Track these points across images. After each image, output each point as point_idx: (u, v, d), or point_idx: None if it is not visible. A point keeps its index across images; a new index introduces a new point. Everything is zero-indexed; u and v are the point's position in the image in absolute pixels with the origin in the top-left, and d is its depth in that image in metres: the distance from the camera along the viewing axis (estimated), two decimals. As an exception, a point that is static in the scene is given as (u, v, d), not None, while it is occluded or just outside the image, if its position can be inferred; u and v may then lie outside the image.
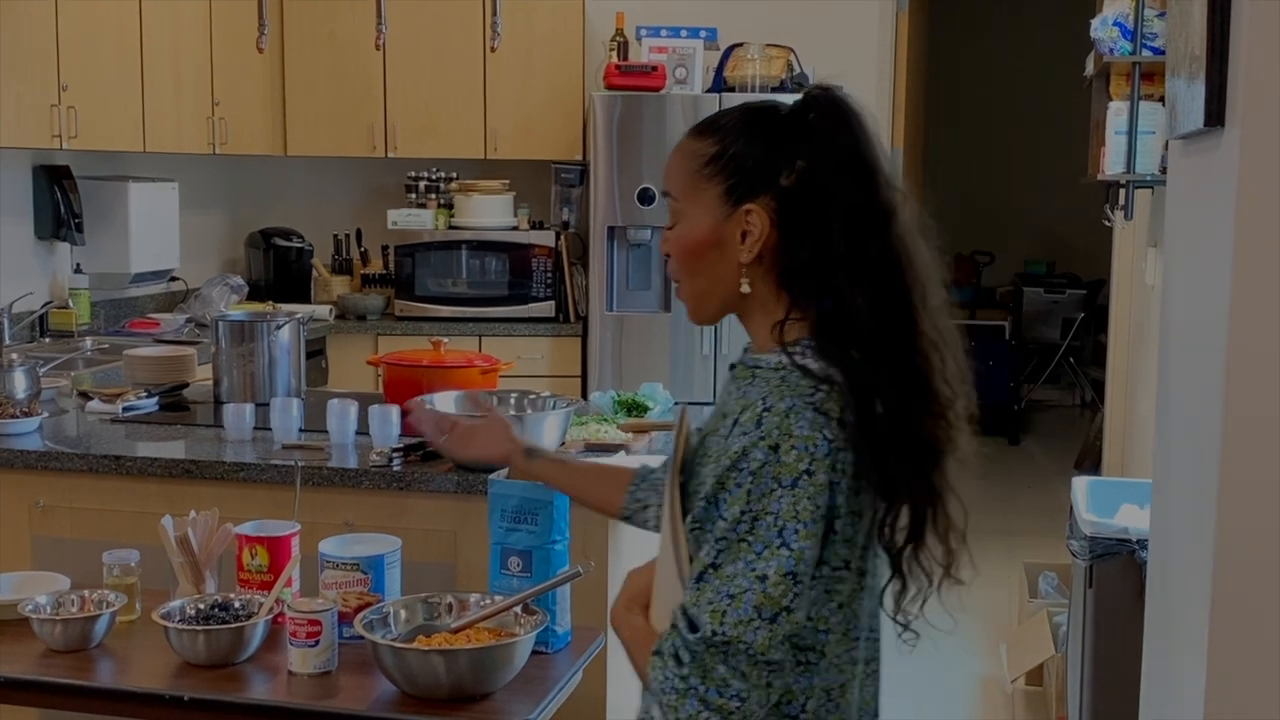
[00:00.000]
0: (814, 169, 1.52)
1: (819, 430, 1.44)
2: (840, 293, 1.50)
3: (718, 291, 1.59)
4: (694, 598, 1.44)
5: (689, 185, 1.58)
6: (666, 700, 1.44)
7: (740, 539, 1.43)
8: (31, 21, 4.25)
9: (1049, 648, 3.91)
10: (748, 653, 1.42)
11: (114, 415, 3.40)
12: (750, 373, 1.56)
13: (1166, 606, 2.11)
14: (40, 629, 2.27)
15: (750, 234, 1.54)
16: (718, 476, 1.45)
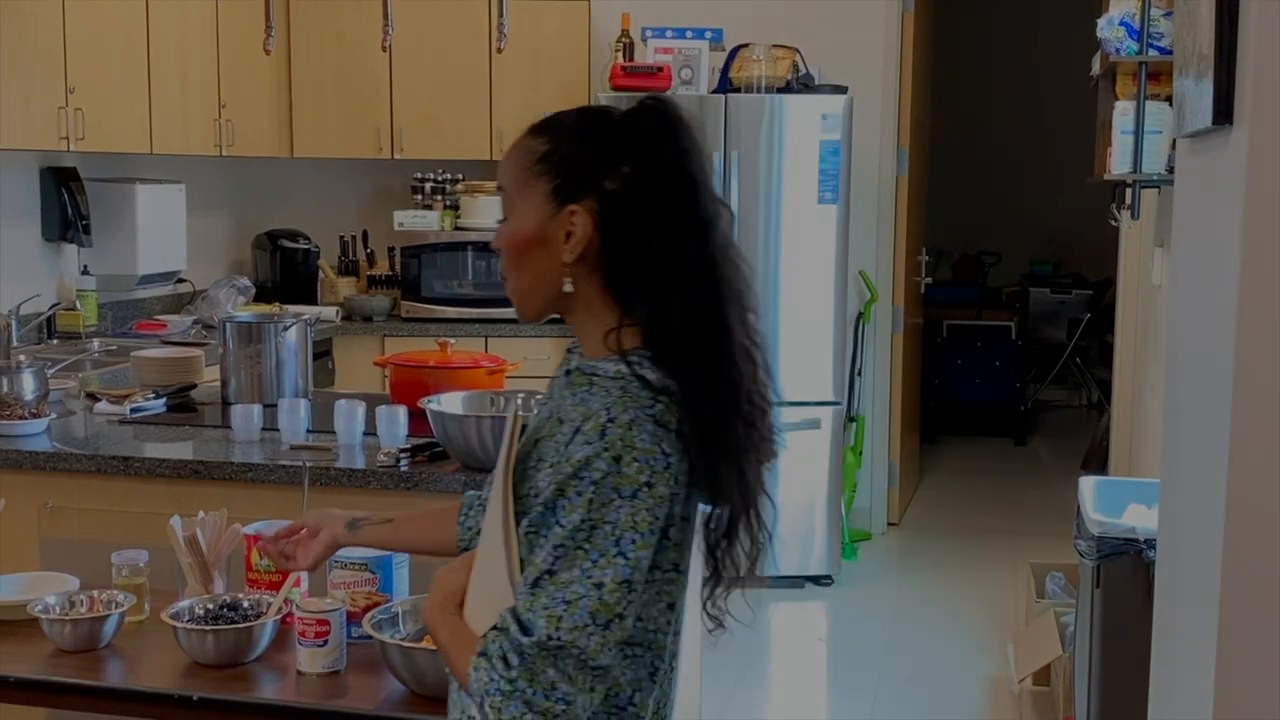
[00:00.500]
0: (638, 175, 1.55)
1: (659, 444, 1.48)
2: (658, 298, 1.54)
3: (541, 289, 1.61)
4: (528, 602, 1.46)
5: (520, 181, 1.60)
6: (491, 702, 1.45)
7: (578, 546, 1.46)
8: (38, 24, 4.26)
9: (1056, 648, 3.90)
10: (579, 657, 1.45)
11: (122, 416, 3.41)
12: (588, 380, 1.57)
13: (1174, 606, 2.11)
14: (49, 629, 2.28)
15: (573, 234, 1.56)
16: (558, 484, 1.47)
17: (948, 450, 8.03)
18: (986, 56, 9.48)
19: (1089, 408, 9.17)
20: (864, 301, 5.97)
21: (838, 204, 5.29)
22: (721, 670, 4.45)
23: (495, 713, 1.45)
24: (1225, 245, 1.72)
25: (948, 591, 5.38)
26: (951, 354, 8.31)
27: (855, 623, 5.11)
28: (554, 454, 1.52)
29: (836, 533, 5.46)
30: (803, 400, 5.37)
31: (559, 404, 1.60)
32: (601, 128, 1.59)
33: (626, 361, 1.54)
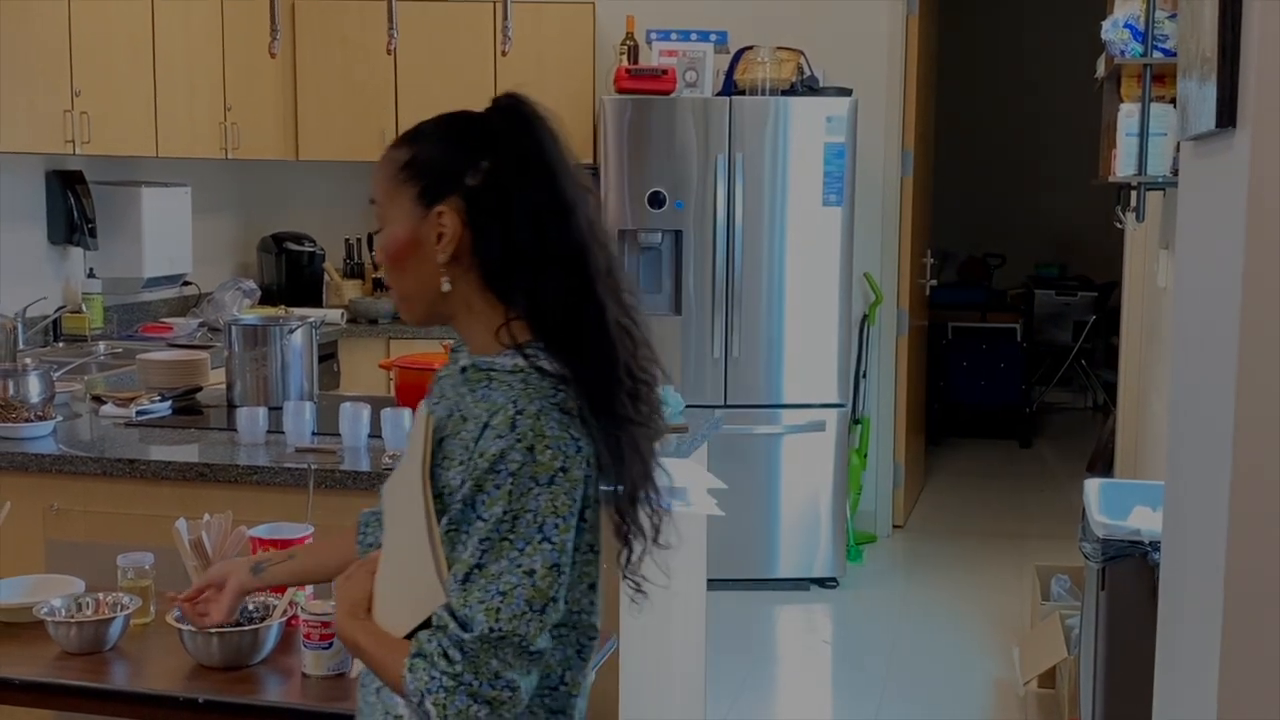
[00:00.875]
0: (497, 169, 1.61)
1: (567, 429, 1.54)
2: (531, 286, 1.60)
3: (423, 293, 1.65)
4: (462, 598, 1.50)
5: (389, 191, 1.66)
6: (435, 699, 1.49)
7: (503, 538, 1.50)
8: (44, 27, 4.27)
9: (1061, 650, 3.90)
10: (520, 645, 1.50)
11: (127, 419, 3.42)
12: (486, 376, 1.61)
13: (1179, 608, 2.11)
14: (55, 632, 2.28)
15: (444, 234, 1.61)
16: (475, 479, 1.51)
17: (953, 453, 8.03)
18: (991, 58, 9.48)
19: (1094, 410, 9.16)
20: (869, 304, 5.97)
21: (842, 206, 5.29)
22: (727, 673, 4.45)
23: (440, 709, 1.48)
24: (1229, 248, 1.72)
25: (953, 594, 5.38)
26: (956, 356, 8.30)
27: (860, 625, 5.11)
28: (462, 451, 1.56)
29: (841, 535, 5.45)
30: (807, 402, 5.38)
31: (457, 402, 1.62)
32: (458, 129, 1.66)
33: (523, 355, 1.59)
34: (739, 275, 5.30)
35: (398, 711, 1.61)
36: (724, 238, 5.29)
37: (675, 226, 5.31)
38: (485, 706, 1.49)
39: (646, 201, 5.29)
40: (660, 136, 5.27)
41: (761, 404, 5.37)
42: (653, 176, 5.29)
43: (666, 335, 5.37)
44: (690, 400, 3.81)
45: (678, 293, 5.35)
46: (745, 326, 5.33)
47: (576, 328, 1.59)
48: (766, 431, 5.37)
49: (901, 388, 6.19)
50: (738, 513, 4.56)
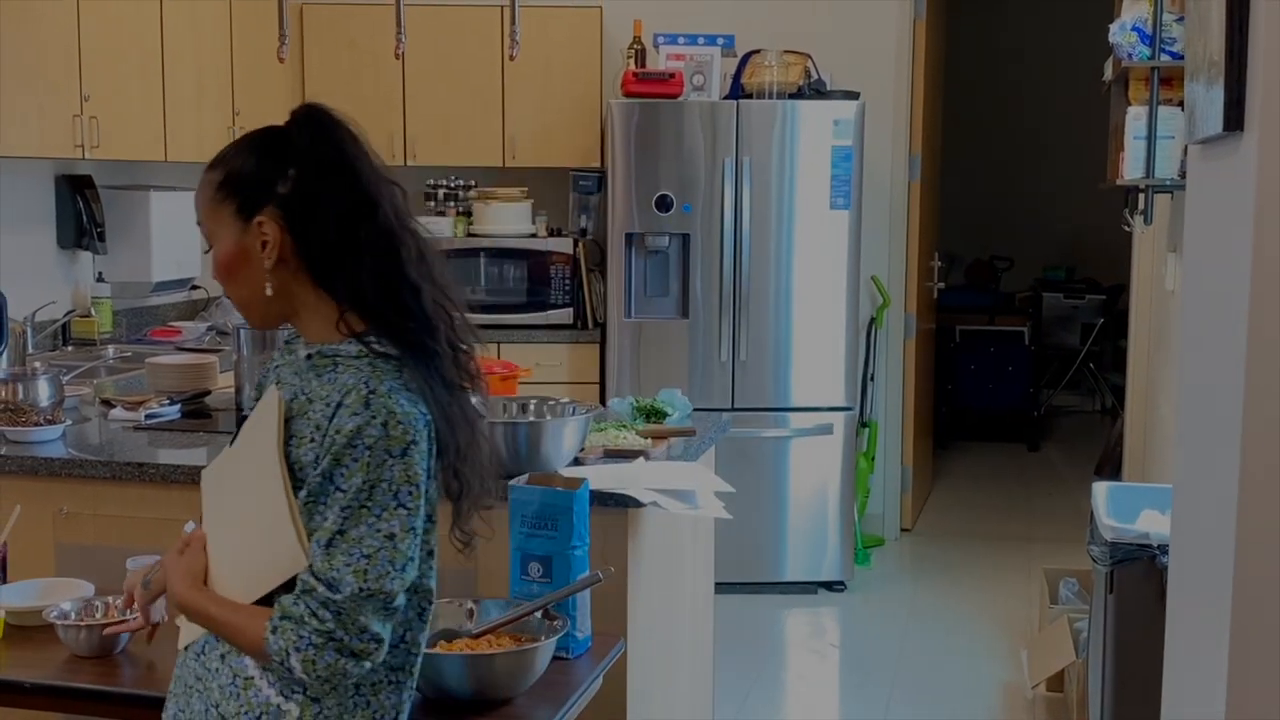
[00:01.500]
0: (304, 175, 1.75)
1: (415, 405, 1.71)
2: (349, 278, 1.75)
3: (259, 300, 1.79)
4: (327, 562, 1.66)
5: (210, 211, 1.80)
6: (304, 655, 1.64)
7: (362, 505, 1.66)
8: (54, 32, 4.29)
9: (1070, 653, 3.90)
10: (385, 601, 1.67)
11: (136, 423, 3.43)
12: (331, 361, 1.75)
13: (1188, 612, 2.11)
14: (65, 635, 2.29)
15: (267, 242, 1.75)
16: (333, 454, 1.66)
17: (961, 456, 8.02)
18: (998, 61, 9.47)
19: (1102, 413, 9.15)
20: (876, 307, 5.97)
21: (850, 209, 5.29)
22: (735, 675, 4.45)
23: (309, 664, 1.65)
24: (1236, 252, 1.72)
25: (961, 597, 5.37)
26: (964, 359, 8.30)
27: (868, 628, 5.10)
28: (312, 430, 1.70)
29: (849, 538, 5.45)
30: (815, 406, 5.38)
31: (301, 386, 1.76)
32: (263, 144, 1.79)
33: (363, 342, 1.75)
34: (746, 278, 5.30)
35: (247, 673, 1.73)
36: (731, 241, 5.29)
37: (683, 230, 5.32)
38: (352, 659, 1.66)
39: (654, 205, 5.29)
40: (668, 140, 5.28)
41: (769, 407, 5.37)
42: (660, 180, 5.29)
43: (674, 338, 5.38)
44: (698, 403, 3.81)
45: (685, 296, 5.36)
46: (753, 330, 5.33)
47: (397, 310, 1.74)
48: (774, 435, 5.37)
49: (909, 391, 6.19)
50: (745, 516, 4.57)
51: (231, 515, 1.80)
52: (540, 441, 2.82)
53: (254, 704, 1.72)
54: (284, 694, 1.71)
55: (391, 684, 1.78)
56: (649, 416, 3.39)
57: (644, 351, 5.39)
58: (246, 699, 1.73)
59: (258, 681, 1.72)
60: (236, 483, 1.81)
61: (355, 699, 1.74)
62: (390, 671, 1.78)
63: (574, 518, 2.36)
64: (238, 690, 1.73)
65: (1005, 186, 9.63)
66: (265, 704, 1.71)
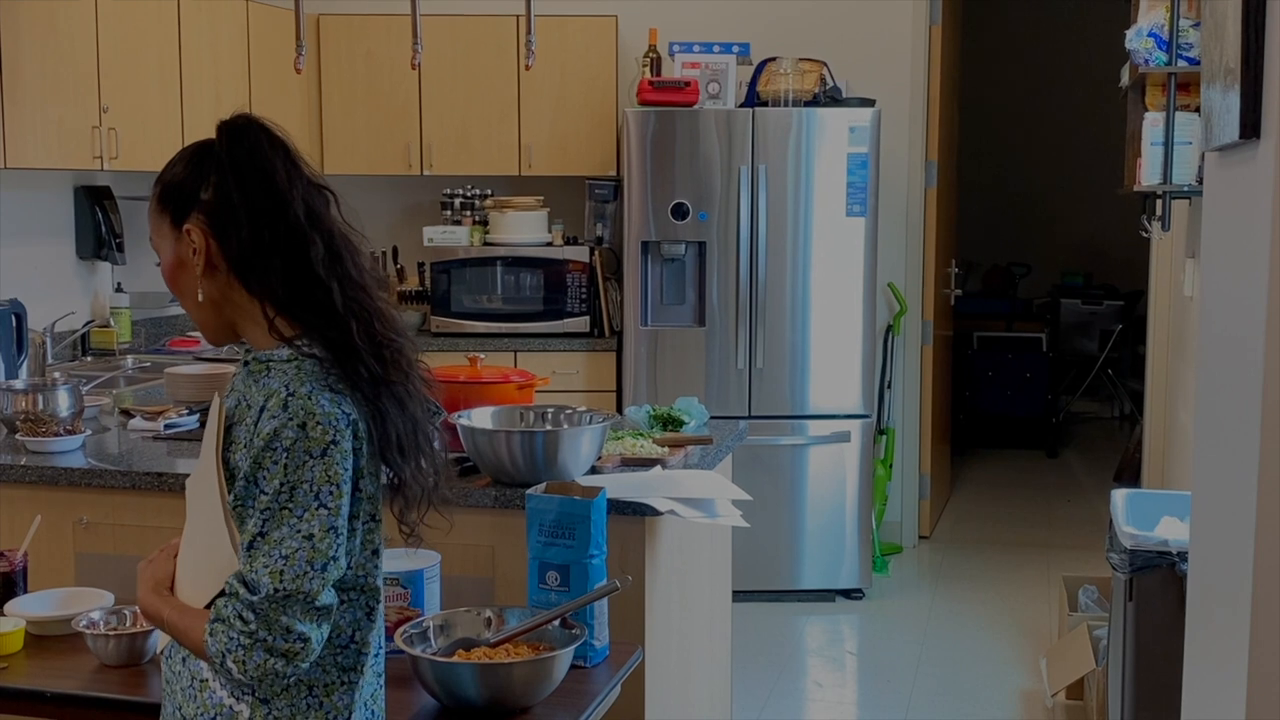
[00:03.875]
0: (222, 181, 1.80)
1: (337, 405, 1.72)
2: (263, 278, 1.78)
3: (196, 308, 1.84)
4: (249, 564, 1.68)
5: (154, 227, 1.85)
6: (234, 657, 1.67)
7: (282, 507, 1.68)
8: (73, 45, 4.31)
9: (1089, 661, 3.88)
10: (305, 601, 1.67)
11: (155, 433, 3.44)
12: (265, 367, 1.78)
13: (1207, 619, 2.10)
14: (94, 644, 2.31)
15: (195, 248, 1.80)
16: (253, 457, 1.69)
17: (979, 463, 8.00)
18: (1015, 67, 9.46)
19: (1121, 420, 9.11)
20: (893, 314, 5.96)
21: (866, 216, 5.29)
22: (753, 683, 4.44)
23: (240, 665, 1.67)
24: (1254, 259, 1.72)
25: (979, 605, 5.36)
26: (982, 366, 8.27)
27: (886, 636, 5.09)
28: (245, 435, 1.74)
29: (867, 546, 5.44)
30: (832, 413, 5.37)
31: (245, 393, 1.79)
32: (191, 155, 1.84)
33: (293, 345, 1.77)
34: (763, 286, 5.30)
35: (202, 675, 1.77)
36: (747, 249, 5.29)
37: (699, 238, 5.32)
38: (280, 659, 1.67)
39: (670, 213, 5.29)
40: (683, 148, 5.28)
41: (786, 415, 5.37)
42: (676, 188, 5.29)
43: (690, 346, 5.38)
44: (714, 411, 3.81)
45: (701, 304, 5.36)
46: (769, 337, 5.33)
47: (310, 308, 1.78)
48: (791, 442, 5.37)
49: (926, 398, 6.17)
50: (762, 524, 4.57)
51: (190, 523, 1.86)
52: (557, 450, 2.82)
53: (209, 705, 1.77)
54: (235, 695, 1.75)
55: (344, 684, 1.79)
56: (666, 425, 3.39)
57: (660, 359, 5.39)
58: (203, 700, 1.77)
59: (211, 684, 1.77)
60: (193, 491, 1.86)
61: (308, 699, 1.76)
62: (342, 672, 1.79)
63: (591, 526, 2.37)
64: (195, 692, 1.78)
65: (1022, 193, 9.61)
66: (219, 705, 1.76)
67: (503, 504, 2.80)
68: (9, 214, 4.61)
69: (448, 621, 2.27)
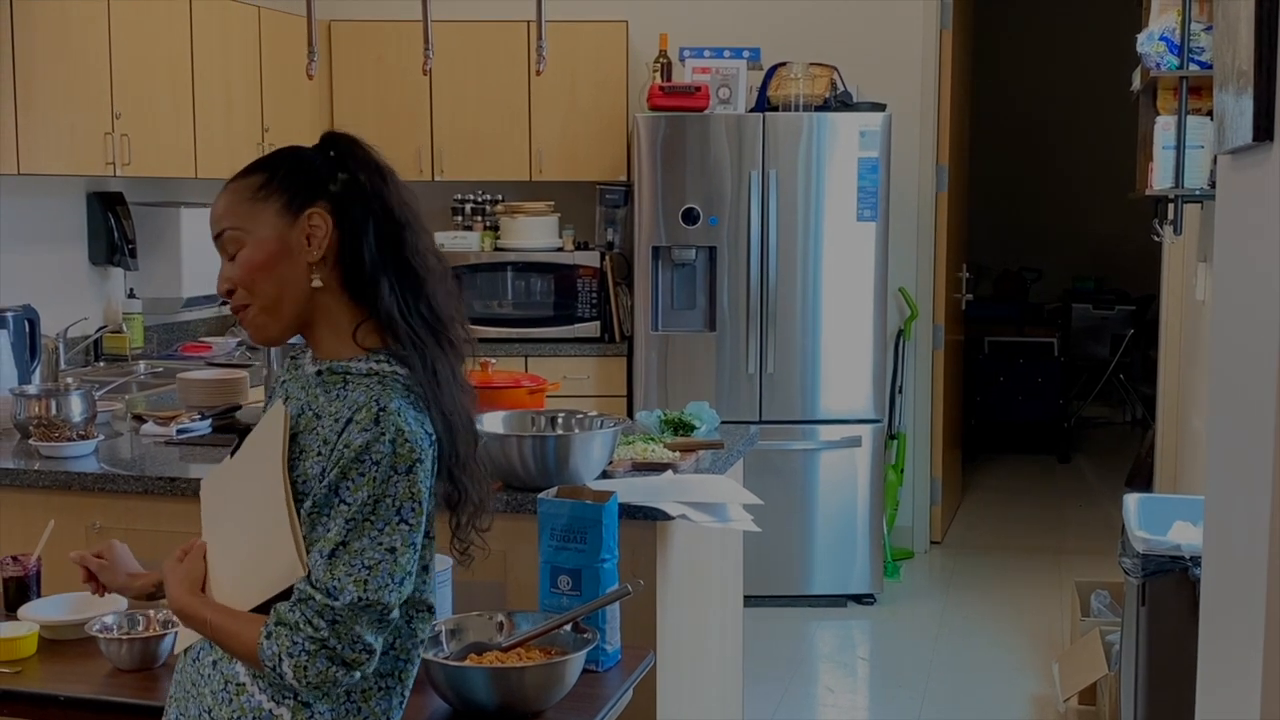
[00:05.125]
0: (354, 181, 1.80)
1: (421, 425, 1.74)
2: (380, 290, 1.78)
3: (290, 297, 1.79)
4: (328, 572, 1.68)
5: (247, 213, 1.79)
6: (295, 662, 1.67)
7: (365, 519, 1.68)
8: (86, 52, 4.33)
9: (1102, 667, 3.87)
10: (382, 613, 1.69)
11: (168, 438, 3.45)
12: (342, 378, 1.77)
13: (1221, 624, 2.10)
14: (107, 649, 2.31)
15: (315, 235, 1.77)
16: (341, 467, 1.69)
17: (990, 468, 7.99)
18: (1026, 71, 9.45)
19: (1133, 424, 9.09)
20: (904, 319, 5.96)
21: (877, 221, 5.29)
22: (765, 688, 4.44)
23: (299, 670, 1.67)
24: (1267, 262, 1.71)
25: (991, 610, 5.35)
26: (993, 371, 8.26)
27: (898, 642, 5.08)
28: (320, 444, 1.72)
29: (879, 551, 5.44)
30: (843, 418, 5.37)
31: (309, 401, 1.78)
32: (306, 152, 1.84)
33: (373, 360, 1.77)
34: (773, 291, 5.30)
35: (239, 679, 1.76)
36: (758, 254, 5.29)
37: (709, 243, 5.32)
38: (343, 668, 1.68)
39: (680, 218, 5.30)
40: (694, 153, 5.28)
41: (797, 420, 5.36)
42: (687, 193, 5.30)
43: (701, 351, 5.38)
44: (725, 416, 3.81)
45: (712, 309, 5.36)
46: (780, 342, 5.33)
47: (415, 327, 1.79)
48: (802, 447, 5.36)
49: (938, 403, 6.17)
50: (774, 529, 4.57)
51: (231, 524, 1.83)
52: (569, 455, 2.82)
53: (246, 709, 1.75)
54: (275, 699, 1.73)
55: (381, 690, 1.79)
56: (677, 429, 3.39)
57: (671, 364, 5.40)
58: (239, 704, 1.75)
59: (249, 687, 1.75)
60: (237, 493, 1.84)
61: (346, 705, 1.76)
62: (380, 678, 1.79)
63: (603, 531, 2.37)
64: (230, 696, 1.76)
65: (1033, 197, 9.59)
66: (257, 709, 1.74)
67: (514, 508, 2.80)
68: (22, 220, 4.63)
69: (459, 626, 2.27)
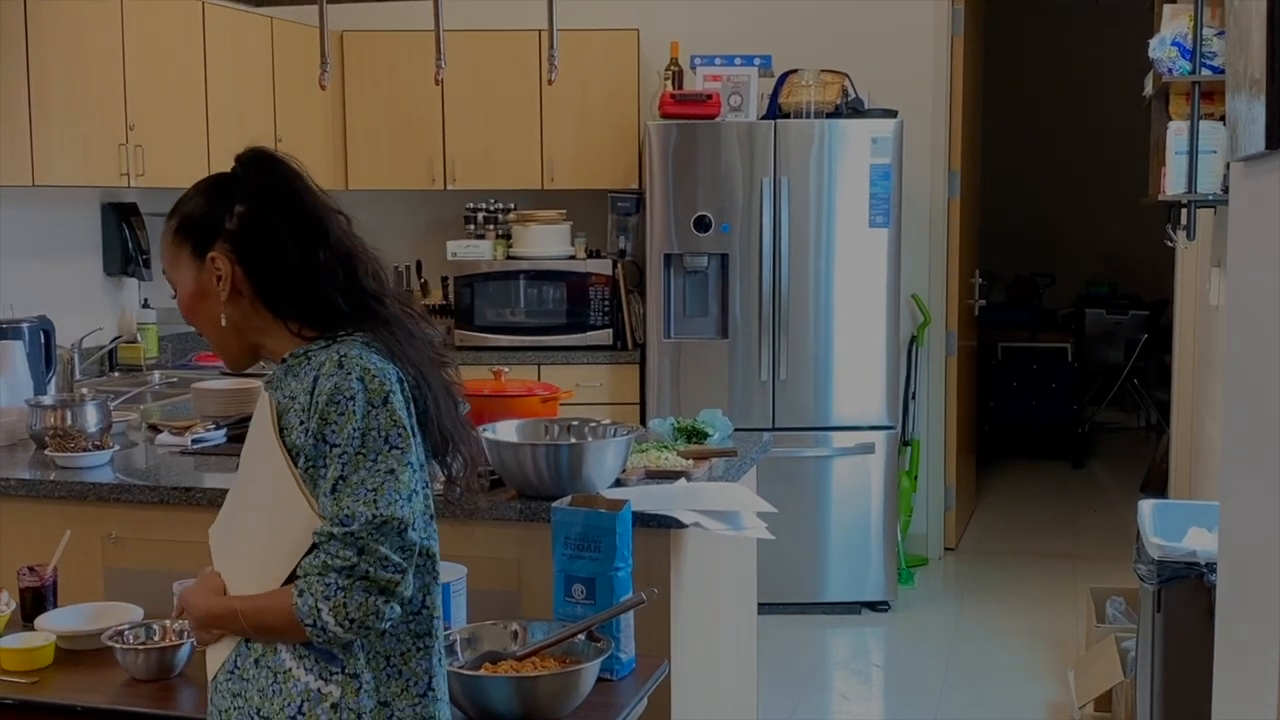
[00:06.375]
0: (252, 209, 1.86)
1: (387, 362, 1.80)
2: (305, 295, 1.83)
3: (220, 335, 1.89)
4: (335, 505, 1.72)
5: (171, 258, 1.91)
6: (335, 602, 1.69)
7: (357, 452, 1.73)
8: (99, 63, 4.35)
9: (1117, 673, 3.86)
10: (399, 527, 1.72)
11: (183, 448, 3.46)
12: (303, 358, 1.84)
13: (1236, 630, 2.09)
14: (123, 658, 2.32)
15: (220, 276, 1.85)
16: (320, 414, 1.74)
17: (1004, 474, 7.97)
18: (1038, 76, 9.43)
19: (1147, 429, 9.06)
20: (917, 325, 5.95)
21: (889, 227, 5.29)
22: (779, 696, 4.43)
23: (340, 610, 1.69)
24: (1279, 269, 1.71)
25: (1006, 617, 5.33)
26: (1007, 376, 8.25)
27: (913, 649, 5.08)
28: (299, 415, 1.78)
29: (892, 558, 5.43)
30: (856, 425, 5.36)
31: (284, 390, 1.84)
32: (209, 187, 1.91)
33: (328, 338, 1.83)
34: (786, 298, 5.30)
35: (284, 667, 1.77)
36: (770, 261, 5.29)
37: (721, 250, 5.32)
38: (380, 594, 1.71)
39: (692, 225, 5.30)
40: (705, 161, 5.29)
41: (810, 426, 5.36)
42: (698, 200, 5.30)
43: (713, 358, 5.38)
44: (738, 423, 3.81)
45: (724, 316, 5.36)
46: (793, 349, 5.33)
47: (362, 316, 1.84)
48: (815, 454, 5.36)
49: (951, 409, 6.16)
50: (787, 536, 4.55)
51: (244, 524, 1.86)
52: (582, 463, 2.83)
53: (295, 694, 1.76)
54: (323, 678, 1.75)
55: (420, 650, 1.82)
56: (690, 437, 3.39)
57: (684, 372, 5.40)
58: (287, 691, 1.76)
59: (295, 671, 1.76)
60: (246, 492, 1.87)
61: (387, 670, 1.78)
62: (415, 638, 1.82)
63: (617, 539, 2.37)
64: (278, 687, 1.76)
65: (1046, 202, 9.58)
66: (305, 691, 1.75)
67: (528, 517, 2.80)
68: (37, 231, 4.65)
69: (474, 635, 2.28)
